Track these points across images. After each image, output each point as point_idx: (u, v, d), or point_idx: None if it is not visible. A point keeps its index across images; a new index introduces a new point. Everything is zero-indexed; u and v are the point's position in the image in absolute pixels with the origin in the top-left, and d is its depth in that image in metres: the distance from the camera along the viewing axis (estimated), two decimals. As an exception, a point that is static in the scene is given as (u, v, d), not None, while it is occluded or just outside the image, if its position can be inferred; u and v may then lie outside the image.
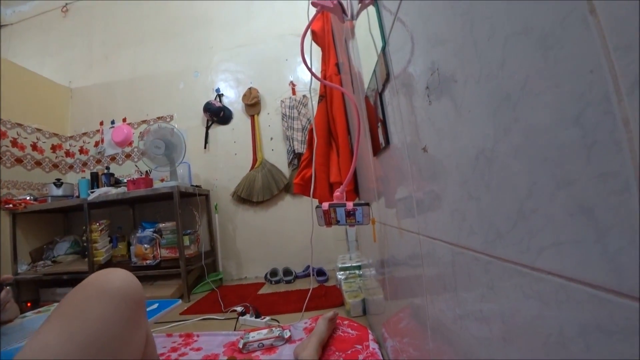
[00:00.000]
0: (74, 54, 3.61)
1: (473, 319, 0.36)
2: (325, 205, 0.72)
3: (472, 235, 0.34)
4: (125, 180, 2.79)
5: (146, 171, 2.89)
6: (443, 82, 0.37)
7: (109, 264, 2.65)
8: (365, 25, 0.81)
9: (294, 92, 3.00)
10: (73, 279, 2.53)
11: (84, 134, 3.40)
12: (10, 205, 2.62)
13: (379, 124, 0.72)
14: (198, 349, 1.40)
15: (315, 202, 1.32)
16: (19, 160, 2.87)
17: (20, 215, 2.72)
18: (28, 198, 2.74)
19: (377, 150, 0.77)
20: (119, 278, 0.58)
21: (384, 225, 0.82)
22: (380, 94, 0.69)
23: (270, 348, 1.31)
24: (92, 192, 2.63)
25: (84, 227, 2.59)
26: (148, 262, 2.47)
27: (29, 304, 2.52)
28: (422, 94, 0.44)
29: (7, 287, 1.05)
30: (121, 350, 0.53)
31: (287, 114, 2.87)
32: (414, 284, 0.61)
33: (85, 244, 2.62)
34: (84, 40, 3.63)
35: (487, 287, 0.32)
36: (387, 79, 0.63)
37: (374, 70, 0.73)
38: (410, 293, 0.66)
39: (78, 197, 2.84)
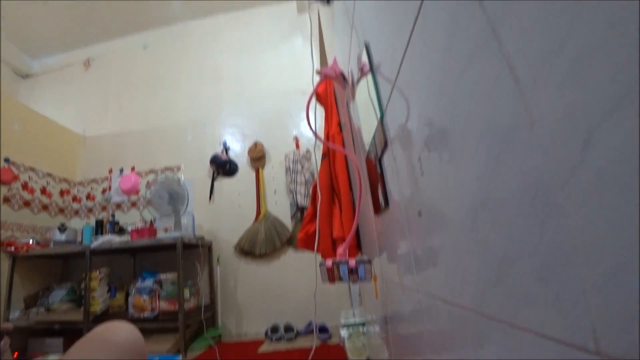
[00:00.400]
0: (91, 103, 3.82)
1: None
2: (329, 262, 0.76)
3: (464, 289, 0.38)
4: (129, 229, 2.81)
5: (150, 220, 2.92)
6: (432, 156, 0.43)
7: (104, 314, 2.58)
8: (366, 92, 0.90)
9: (297, 147, 3.12)
10: (65, 330, 2.46)
11: (93, 180, 3.47)
12: (12, 248, 2.60)
13: (379, 183, 0.78)
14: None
15: (319, 257, 1.34)
16: (26, 204, 2.89)
17: (20, 259, 2.67)
18: (31, 242, 2.73)
19: (377, 209, 0.82)
20: (125, 332, 0.61)
21: (385, 281, 0.85)
22: (380, 159, 0.76)
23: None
24: (95, 239, 2.64)
25: (84, 275, 2.56)
26: (146, 314, 2.42)
27: (15, 354, 2.41)
28: (415, 165, 0.50)
29: (7, 337, 1.04)
30: None
31: (291, 167, 2.96)
32: (417, 342, 0.63)
33: (82, 293, 2.57)
34: (101, 91, 3.86)
35: (477, 345, 0.35)
36: (385, 146, 0.69)
37: (374, 137, 0.80)
38: (414, 352, 0.67)
39: (81, 243, 2.84)
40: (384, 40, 0.63)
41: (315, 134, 0.96)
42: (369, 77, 0.82)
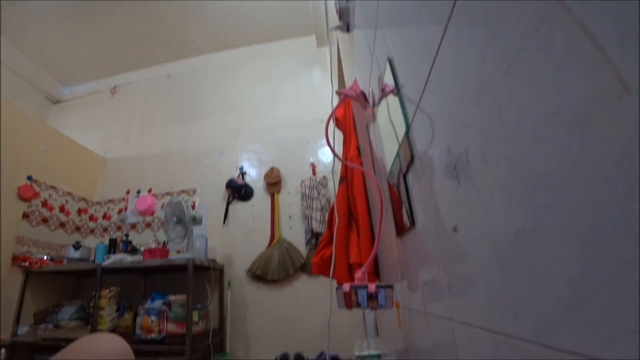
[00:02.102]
0: (114, 128, 3.96)
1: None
2: (347, 286, 0.70)
3: (517, 320, 0.32)
4: (141, 249, 2.80)
5: (164, 242, 2.91)
6: (473, 162, 0.39)
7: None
8: (386, 112, 0.87)
9: (314, 173, 3.10)
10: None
11: (110, 200, 3.52)
12: (27, 264, 2.62)
13: (403, 205, 0.73)
14: None
15: (334, 283, 1.28)
16: (44, 220, 2.94)
17: (33, 275, 2.70)
18: (45, 258, 2.75)
19: (400, 230, 0.77)
20: (110, 345, 0.55)
21: (408, 310, 0.78)
22: (405, 175, 0.71)
23: None
24: (107, 258, 2.63)
25: (94, 293, 2.53)
26: (153, 336, 2.34)
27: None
28: (450, 175, 0.46)
29: (4, 349, 0.99)
30: None
31: (307, 193, 2.93)
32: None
33: (91, 310, 2.54)
34: (124, 116, 4.01)
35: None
36: (411, 161, 0.65)
37: (397, 153, 0.76)
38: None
39: (94, 261, 2.84)
40: (409, 50, 0.60)
41: (333, 150, 0.92)
42: (390, 97, 0.80)
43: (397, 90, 0.72)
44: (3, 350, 2.36)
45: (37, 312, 2.76)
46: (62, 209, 3.15)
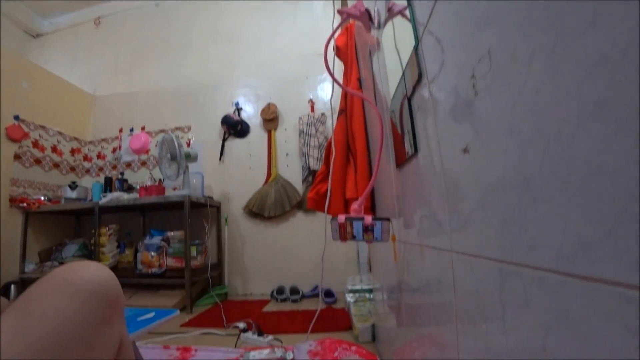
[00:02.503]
0: (101, 63, 3.74)
1: (530, 357, 0.29)
2: (342, 217, 0.66)
3: (534, 249, 0.27)
4: (137, 187, 2.78)
5: (159, 179, 2.89)
6: (497, 65, 0.32)
7: (114, 269, 2.60)
8: (391, 37, 0.78)
9: (312, 110, 2.99)
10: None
11: (103, 139, 3.45)
12: (25, 204, 2.63)
13: (405, 134, 0.67)
14: (195, 366, 1.31)
15: (330, 218, 1.25)
16: (37, 161, 2.91)
17: (32, 215, 2.74)
18: (42, 198, 2.76)
19: (401, 160, 0.71)
20: (90, 272, 0.50)
21: (404, 244, 0.75)
22: (410, 99, 0.64)
23: (271, 371, 1.22)
24: (104, 196, 2.63)
25: (94, 231, 2.58)
26: (153, 270, 2.42)
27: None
28: (465, 88, 0.39)
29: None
30: (84, 352, 0.45)
31: (305, 130, 2.84)
32: (440, 311, 0.54)
33: (93, 248, 2.60)
34: (111, 50, 3.76)
35: (557, 315, 0.25)
36: (418, 80, 0.57)
37: (402, 76, 0.68)
38: (434, 321, 0.58)
39: (91, 200, 2.85)
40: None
41: (331, 74, 0.84)
42: (397, 20, 0.69)
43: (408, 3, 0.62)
44: (12, 287, 2.45)
45: (41, 251, 2.84)
46: (54, 149, 3.09)
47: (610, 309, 0.20)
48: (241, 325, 1.67)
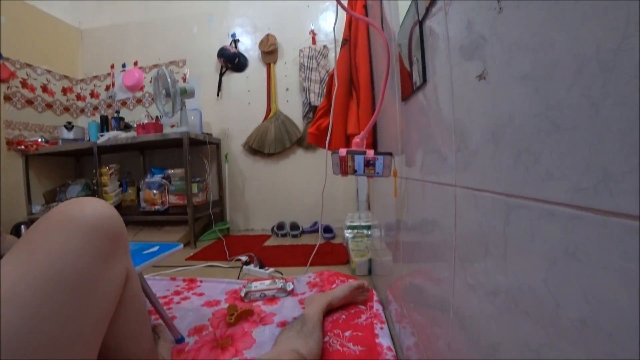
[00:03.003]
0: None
1: (531, 296, 0.28)
2: (343, 151, 0.64)
3: (548, 182, 0.26)
4: (134, 125, 2.73)
5: (156, 117, 2.82)
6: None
7: (118, 207, 2.66)
8: None
9: (314, 42, 2.82)
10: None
11: (95, 77, 3.31)
12: (22, 147, 2.61)
13: (415, 62, 0.62)
14: (200, 294, 1.39)
15: (330, 153, 1.23)
16: (29, 102, 2.82)
17: (32, 157, 2.73)
18: (39, 140, 2.73)
19: (407, 93, 0.67)
20: (92, 208, 0.50)
21: (405, 180, 0.74)
22: (421, 23, 0.58)
23: (272, 299, 1.29)
24: (101, 136, 2.59)
25: (94, 171, 2.58)
26: (157, 207, 2.47)
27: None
28: (487, 4, 0.34)
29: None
30: (90, 286, 0.46)
31: (306, 64, 2.71)
32: (438, 246, 0.54)
33: (95, 188, 2.62)
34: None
35: (565, 252, 0.24)
36: (432, 1, 0.51)
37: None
38: (431, 257, 0.58)
39: (89, 140, 2.81)
40: None
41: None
42: None
43: None
44: (23, 227, 2.53)
45: (45, 193, 2.88)
46: (45, 89, 2.98)
47: (628, 246, 0.19)
48: (243, 258, 1.74)
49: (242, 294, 1.30)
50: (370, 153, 0.63)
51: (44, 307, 0.40)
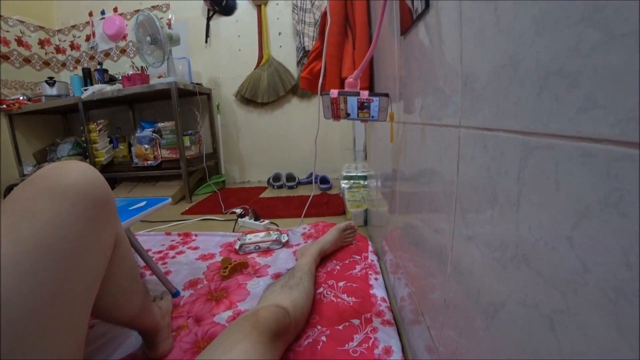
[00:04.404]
0: None
1: (548, 255, 0.23)
2: (334, 92, 0.57)
3: (587, 112, 0.20)
4: (120, 77, 2.58)
5: (142, 67, 2.67)
6: None
7: (110, 164, 2.60)
8: None
9: (307, -21, 2.58)
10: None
11: (73, 27, 3.08)
12: (4, 106, 2.48)
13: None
14: (195, 248, 1.38)
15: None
16: (5, 57, 2.64)
17: (17, 117, 2.61)
18: (21, 98, 2.59)
19: (407, 24, 0.59)
20: (75, 172, 0.48)
21: (403, 125, 0.67)
22: None
23: (267, 251, 1.28)
24: (85, 90, 2.46)
25: (82, 127, 2.49)
26: (149, 162, 2.41)
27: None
28: None
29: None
30: (79, 253, 0.45)
31: (299, 5, 2.51)
32: (437, 195, 0.49)
33: (85, 145, 2.54)
34: None
35: (604, 204, 0.18)
36: None
37: None
38: (429, 206, 0.54)
39: (73, 96, 2.67)
40: None
41: None
42: None
43: None
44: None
45: (35, 153, 2.81)
46: (19, 41, 2.78)
47: None
48: (238, 211, 1.72)
49: (237, 247, 1.29)
50: (365, 94, 0.56)
51: (34, 275, 0.39)
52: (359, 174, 1.92)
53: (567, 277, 0.22)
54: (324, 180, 2.38)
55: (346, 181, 1.93)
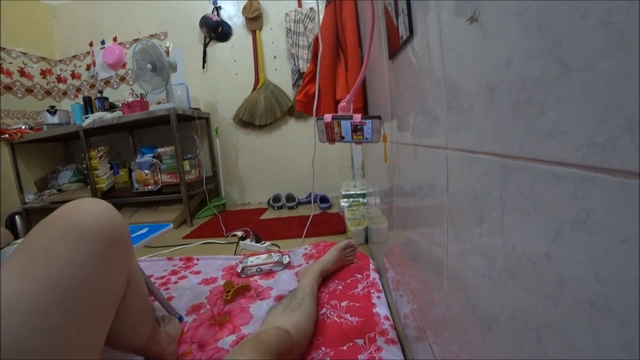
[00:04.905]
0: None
1: (530, 270, 0.25)
2: (328, 116, 0.59)
3: (554, 137, 0.21)
4: (119, 105, 2.63)
5: (141, 94, 2.72)
6: None
7: (111, 190, 2.61)
8: None
9: (300, 4, 2.67)
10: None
11: (74, 57, 3.15)
12: (6, 135, 2.52)
13: (400, 13, 0.56)
14: (197, 273, 1.38)
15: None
16: (7, 88, 2.69)
17: (18, 145, 2.63)
18: (23, 127, 2.62)
19: (394, 48, 0.61)
20: (92, 212, 0.49)
21: (396, 145, 0.69)
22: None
23: (269, 273, 1.28)
24: (86, 118, 2.50)
25: (83, 155, 2.52)
26: (150, 187, 2.42)
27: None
28: None
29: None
30: (93, 291, 0.46)
31: (292, 29, 2.58)
32: (431, 212, 0.50)
33: (86, 172, 2.56)
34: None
35: (574, 222, 0.20)
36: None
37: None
38: (424, 222, 0.55)
39: (74, 124, 2.72)
40: None
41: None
42: None
43: None
44: (17, 217, 2.48)
45: (37, 181, 2.82)
46: (22, 72, 2.83)
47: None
48: (239, 233, 1.72)
49: (239, 270, 1.29)
50: (357, 117, 0.58)
51: (51, 317, 0.40)
52: (358, 192, 1.94)
53: (548, 291, 0.23)
54: (323, 199, 2.39)
55: (345, 199, 1.94)
